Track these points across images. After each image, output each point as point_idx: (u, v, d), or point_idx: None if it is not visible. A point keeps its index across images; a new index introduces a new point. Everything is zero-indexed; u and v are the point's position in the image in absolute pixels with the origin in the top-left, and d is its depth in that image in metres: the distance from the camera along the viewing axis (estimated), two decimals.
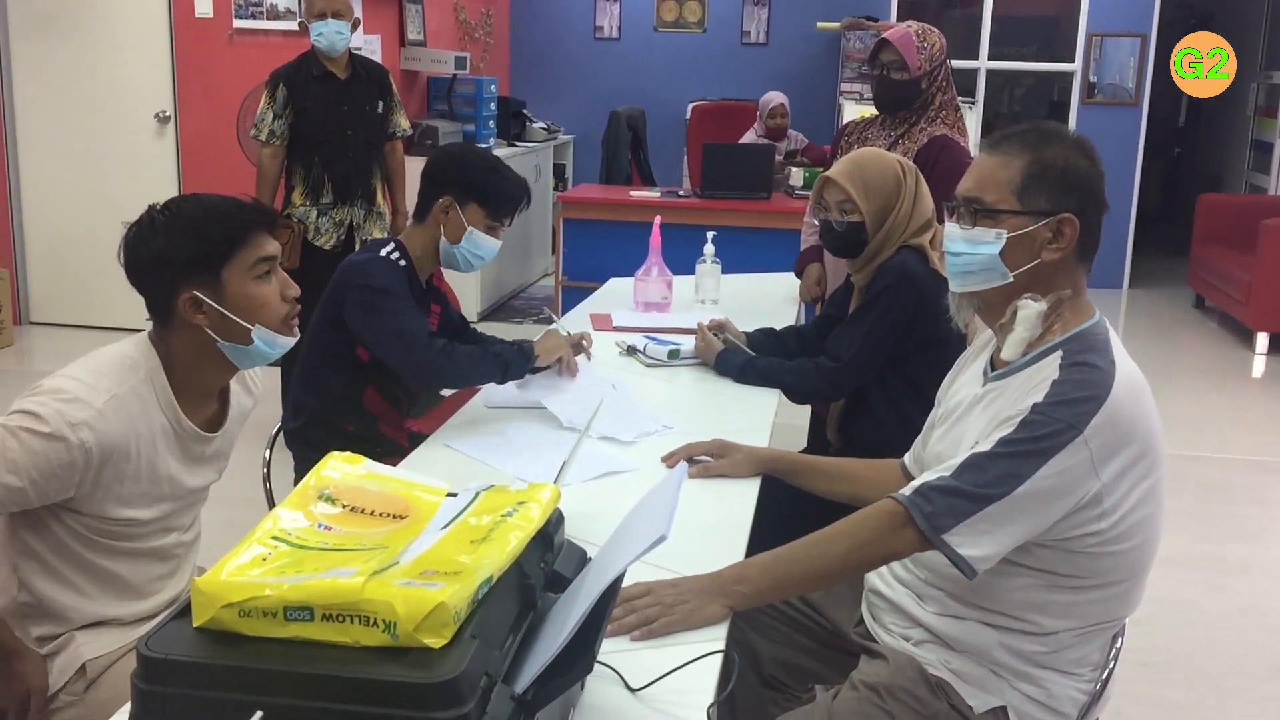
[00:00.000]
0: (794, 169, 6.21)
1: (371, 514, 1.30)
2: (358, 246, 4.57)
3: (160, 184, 6.28)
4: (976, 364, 1.93)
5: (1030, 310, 1.74)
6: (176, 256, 1.76)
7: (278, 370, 4.71)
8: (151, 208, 1.81)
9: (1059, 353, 1.71)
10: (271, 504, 2.65)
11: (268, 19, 6.03)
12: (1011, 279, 1.75)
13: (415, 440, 2.52)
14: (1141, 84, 8.22)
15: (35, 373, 5.85)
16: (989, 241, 1.75)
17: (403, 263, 2.59)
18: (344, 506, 1.30)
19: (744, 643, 2.05)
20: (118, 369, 1.78)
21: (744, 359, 2.84)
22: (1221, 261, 7.36)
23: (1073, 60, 8.33)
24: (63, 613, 1.82)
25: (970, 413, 1.84)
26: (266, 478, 2.63)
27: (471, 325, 2.95)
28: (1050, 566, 1.69)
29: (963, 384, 1.94)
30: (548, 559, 1.34)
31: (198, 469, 1.93)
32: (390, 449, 2.60)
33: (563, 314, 5.59)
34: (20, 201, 6.40)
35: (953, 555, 1.62)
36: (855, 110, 7.07)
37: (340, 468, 1.38)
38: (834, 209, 2.68)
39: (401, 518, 1.31)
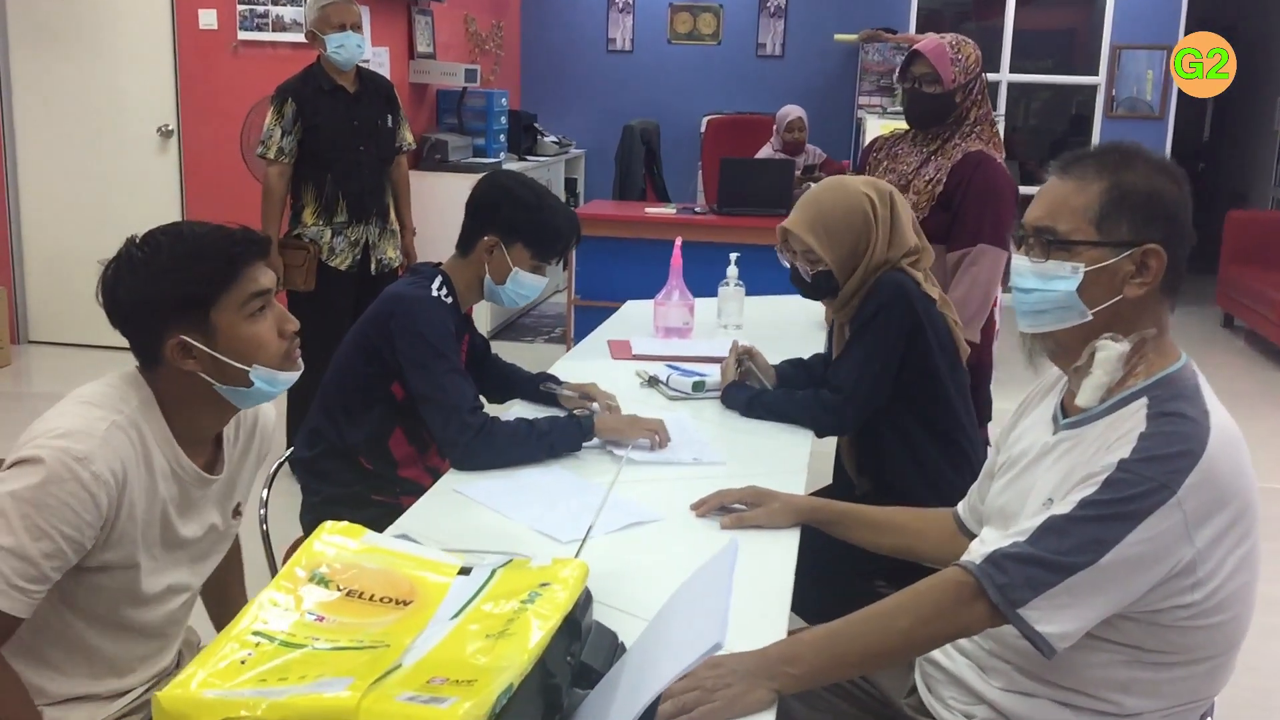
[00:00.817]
0: (813, 185, 6.02)
1: (371, 599, 1.12)
2: (373, 267, 4.40)
3: (163, 199, 6.12)
4: (1042, 408, 1.75)
5: (1111, 352, 1.55)
6: (159, 299, 1.58)
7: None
8: (130, 242, 1.63)
9: (1144, 400, 1.53)
10: (269, 549, 2.47)
11: (273, 31, 5.87)
12: (1090, 318, 1.57)
13: (438, 478, 2.33)
14: (1167, 97, 8.03)
15: (34, 394, 5.69)
16: (1064, 277, 1.56)
17: (450, 299, 2.44)
18: (339, 590, 1.12)
19: (782, 709, 1.86)
20: (109, 399, 1.61)
21: (751, 393, 2.65)
22: (1252, 280, 7.16)
23: (1094, 73, 8.15)
24: (35, 690, 1.63)
25: (1039, 464, 1.66)
26: (263, 519, 2.45)
27: (494, 353, 2.79)
28: (1135, 641, 1.51)
29: (1027, 429, 1.76)
30: (574, 649, 1.16)
31: (193, 517, 1.74)
32: (410, 489, 2.43)
33: (576, 335, 5.43)
34: (19, 217, 6.25)
35: (1029, 632, 1.44)
36: (877, 125, 6.88)
37: (335, 542, 1.19)
38: (800, 257, 2.48)
39: (405, 603, 1.12)
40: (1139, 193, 1.54)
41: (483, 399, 2.42)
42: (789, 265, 2.55)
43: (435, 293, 2.40)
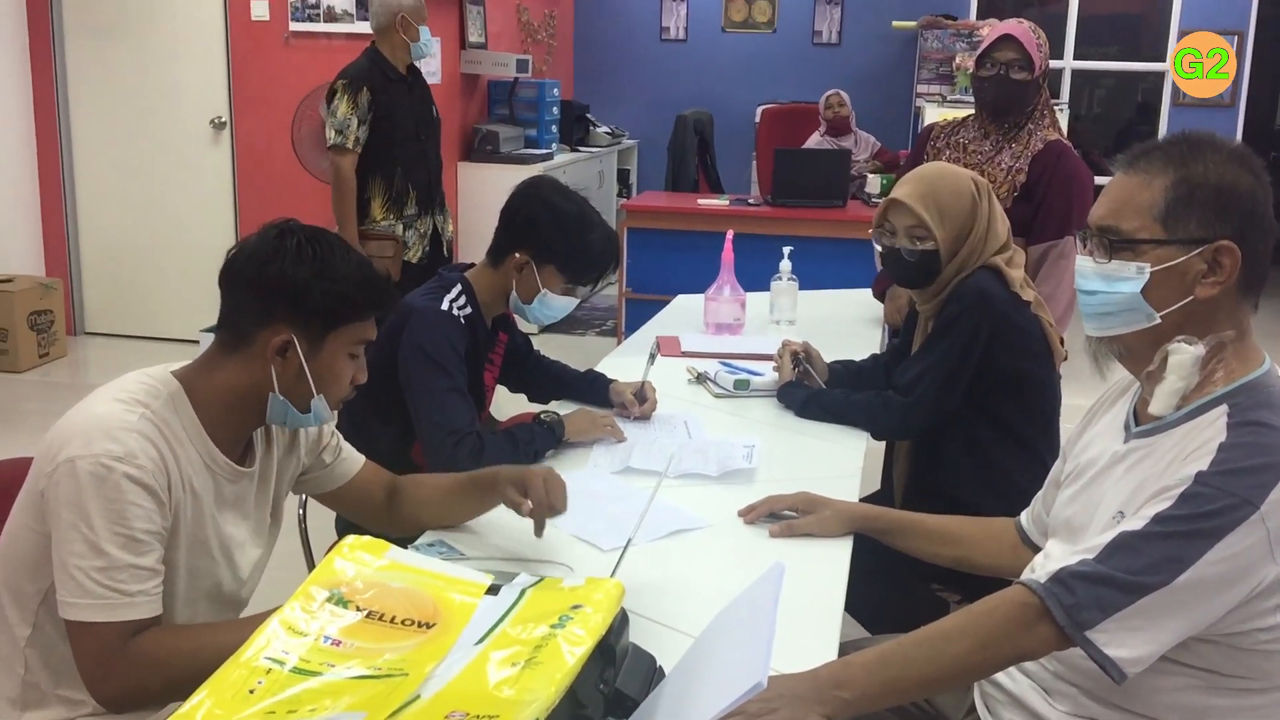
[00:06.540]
0: (871, 175, 5.91)
1: (392, 621, 1.06)
2: (447, 253, 4.40)
3: (216, 192, 6.14)
4: (1113, 414, 1.64)
5: (1185, 356, 1.45)
6: (305, 296, 1.58)
7: None
8: (292, 229, 1.62)
9: (1224, 408, 1.42)
10: (308, 550, 2.43)
11: (324, 21, 5.85)
12: (1158, 320, 1.47)
13: None
14: (1239, 84, 7.77)
15: (91, 385, 5.65)
16: (1128, 278, 1.46)
17: (468, 311, 2.35)
18: (358, 611, 1.06)
19: None
20: (139, 390, 1.58)
21: (807, 393, 2.56)
22: None
23: (1162, 59, 7.92)
24: (73, 698, 1.58)
25: (1109, 474, 1.56)
26: (302, 519, 2.41)
27: (535, 350, 2.70)
28: (1212, 665, 1.41)
29: (1096, 437, 1.66)
30: (608, 677, 1.08)
31: (231, 515, 1.70)
32: None
33: (627, 328, 5.36)
34: (75, 210, 6.29)
35: (1098, 656, 1.34)
36: (936, 114, 6.73)
37: (356, 558, 1.13)
38: (902, 234, 2.36)
39: (429, 626, 1.06)
40: (1208, 185, 1.44)
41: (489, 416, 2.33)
42: (881, 249, 2.43)
43: (447, 305, 2.32)
